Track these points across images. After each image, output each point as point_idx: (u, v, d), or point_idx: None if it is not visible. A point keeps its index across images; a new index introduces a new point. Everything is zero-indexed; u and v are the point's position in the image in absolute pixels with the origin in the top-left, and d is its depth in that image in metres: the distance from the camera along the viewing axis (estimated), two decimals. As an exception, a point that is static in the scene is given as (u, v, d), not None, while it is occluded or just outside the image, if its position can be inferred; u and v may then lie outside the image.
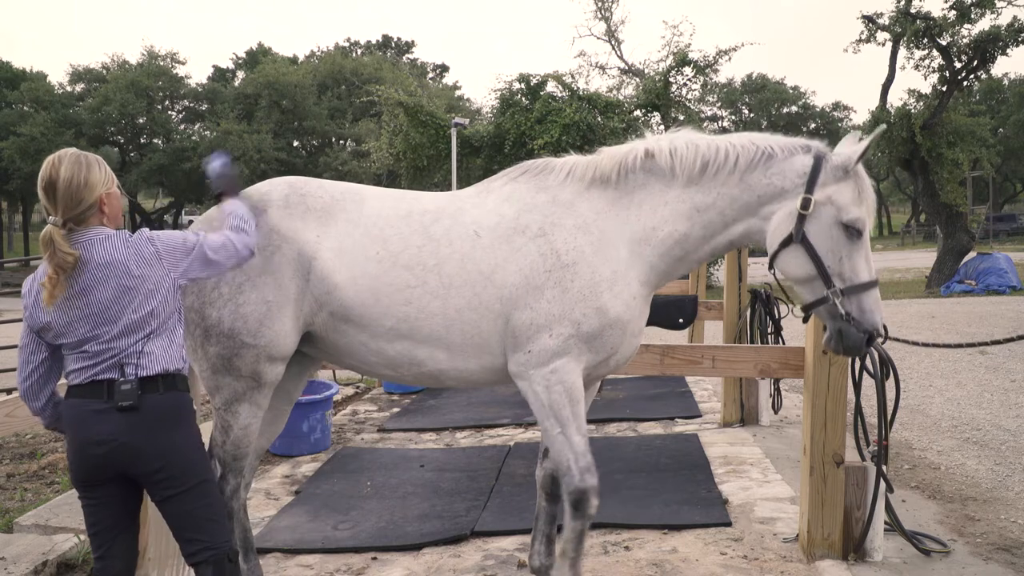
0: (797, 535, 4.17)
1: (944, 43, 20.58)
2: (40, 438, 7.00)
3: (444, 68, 56.70)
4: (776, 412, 6.66)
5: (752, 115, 53.00)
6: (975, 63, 20.90)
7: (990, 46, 20.28)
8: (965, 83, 21.88)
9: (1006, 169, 49.19)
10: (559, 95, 21.87)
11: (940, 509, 4.78)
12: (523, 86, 22.38)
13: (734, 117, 53.20)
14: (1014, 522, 4.54)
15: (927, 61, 21.46)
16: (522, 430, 6.79)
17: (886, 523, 3.99)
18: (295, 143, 43.68)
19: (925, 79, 25.55)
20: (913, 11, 20.65)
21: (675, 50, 22.91)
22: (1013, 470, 5.53)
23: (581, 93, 21.83)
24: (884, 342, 3.19)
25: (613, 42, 26.80)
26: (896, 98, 39.45)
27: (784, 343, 6.16)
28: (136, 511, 2.70)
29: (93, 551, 2.61)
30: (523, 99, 22.23)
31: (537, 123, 20.90)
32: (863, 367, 4.03)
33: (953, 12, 20.04)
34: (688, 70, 22.59)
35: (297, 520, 4.72)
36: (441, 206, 3.21)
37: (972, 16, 19.89)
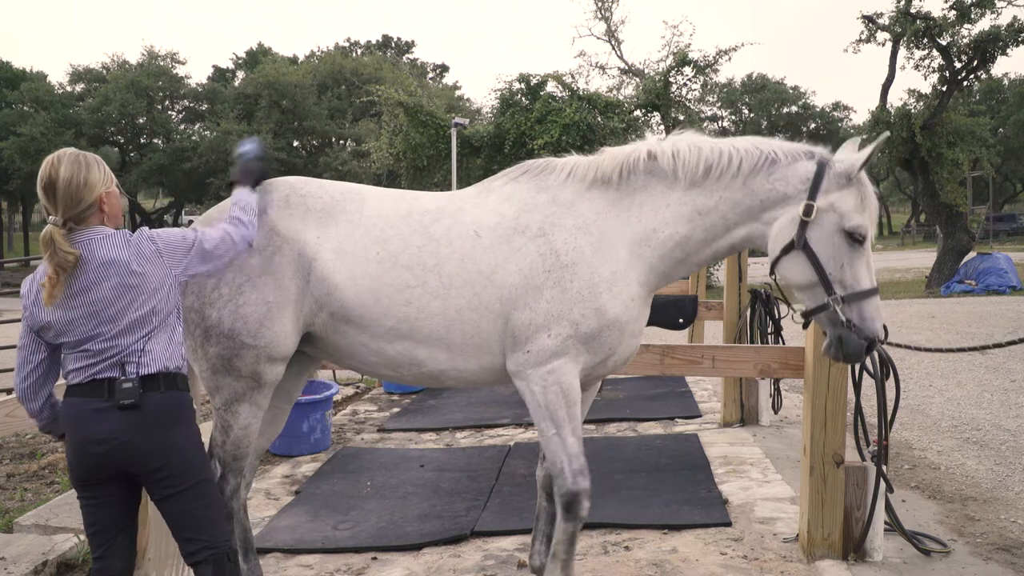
0: (797, 535, 4.17)
1: (944, 43, 20.58)
2: (40, 438, 7.00)
3: (444, 68, 56.75)
4: (776, 412, 6.66)
5: (752, 115, 52.99)
6: (975, 63, 20.91)
7: (990, 46, 20.29)
8: (965, 83, 21.89)
9: (1006, 169, 49.20)
10: (559, 95, 21.88)
11: (940, 509, 4.78)
12: (523, 86, 22.39)
13: (734, 117, 53.20)
14: (1014, 522, 4.54)
15: (927, 61, 21.49)
16: (522, 430, 6.79)
17: (886, 523, 3.99)
18: (295, 143, 43.66)
19: (925, 79, 25.61)
20: (913, 11, 20.65)
21: (675, 50, 22.93)
22: (1013, 470, 5.53)
23: (581, 93, 21.85)
24: (883, 342, 3.19)
25: (613, 42, 26.79)
26: (896, 98, 39.43)
27: (784, 343, 6.16)
28: (135, 511, 2.69)
29: (92, 551, 2.61)
30: (523, 99, 22.25)
31: (537, 123, 20.91)
32: (863, 367, 4.03)
33: (953, 12, 20.05)
34: (688, 70, 22.62)
35: (297, 520, 4.72)
36: (441, 206, 3.21)
37: (972, 16, 19.90)
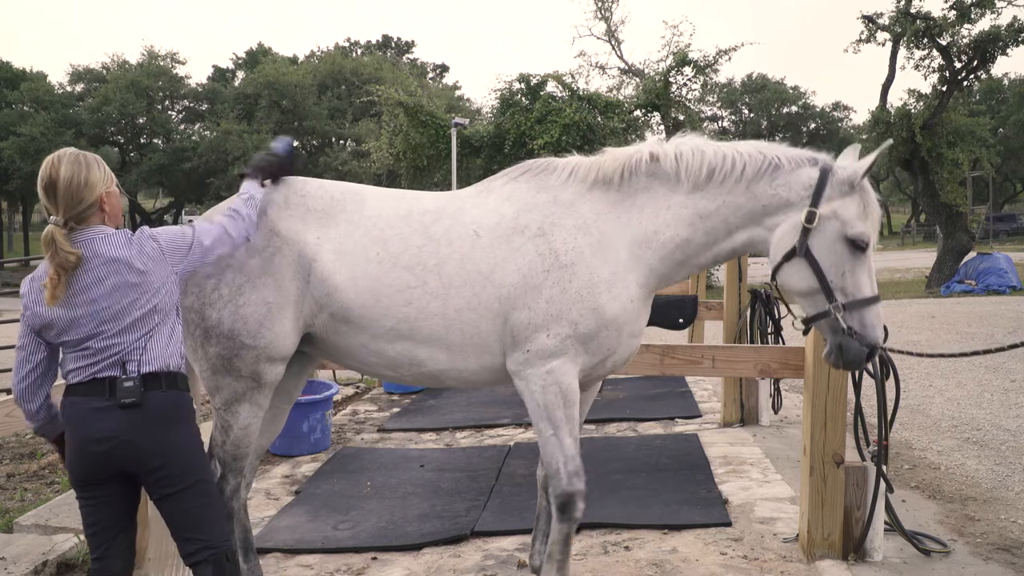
0: (797, 535, 4.17)
1: (944, 43, 20.59)
2: (40, 438, 6.99)
3: (444, 68, 56.77)
4: (776, 412, 6.66)
5: (752, 115, 52.94)
6: (975, 63, 20.92)
7: (990, 46, 20.30)
8: (965, 83, 21.90)
9: (1006, 169, 49.20)
10: (559, 95, 21.88)
11: (940, 509, 4.78)
12: (523, 86, 22.39)
13: (734, 117, 53.15)
14: (1014, 522, 4.53)
15: (927, 61, 21.50)
16: (522, 430, 6.78)
17: (886, 523, 3.99)
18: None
19: (925, 79, 25.62)
20: (913, 11, 20.66)
21: (675, 50, 22.94)
22: (1013, 470, 5.53)
23: (581, 93, 21.84)
24: (883, 348, 3.18)
25: (613, 42, 26.78)
26: (896, 98, 39.51)
27: (784, 343, 6.16)
28: (134, 511, 2.69)
29: (91, 551, 2.61)
30: (523, 99, 22.24)
31: (537, 123, 20.91)
32: (863, 367, 4.03)
33: (953, 12, 20.06)
34: (688, 70, 22.63)
35: (297, 520, 4.72)
36: (441, 206, 3.21)
37: (972, 16, 19.91)
